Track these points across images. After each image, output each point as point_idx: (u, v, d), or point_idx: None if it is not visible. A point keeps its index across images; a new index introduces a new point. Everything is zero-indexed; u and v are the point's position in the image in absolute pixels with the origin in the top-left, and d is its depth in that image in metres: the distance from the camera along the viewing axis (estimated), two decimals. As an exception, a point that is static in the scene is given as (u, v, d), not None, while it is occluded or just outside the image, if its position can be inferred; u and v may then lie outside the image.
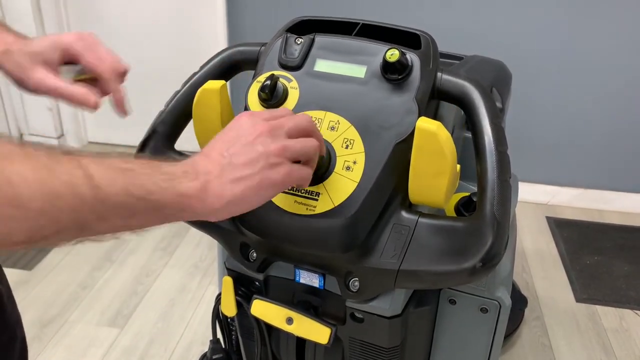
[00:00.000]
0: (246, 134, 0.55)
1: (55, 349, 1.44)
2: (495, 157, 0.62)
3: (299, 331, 0.72)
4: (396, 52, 0.65)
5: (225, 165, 0.52)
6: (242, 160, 0.53)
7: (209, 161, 0.53)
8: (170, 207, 0.49)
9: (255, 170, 0.53)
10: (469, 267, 0.60)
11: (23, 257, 1.76)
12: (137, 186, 0.46)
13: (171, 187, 0.48)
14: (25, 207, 0.40)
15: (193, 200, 0.50)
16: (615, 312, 1.63)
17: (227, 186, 0.51)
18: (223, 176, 0.52)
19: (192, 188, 0.50)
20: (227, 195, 0.51)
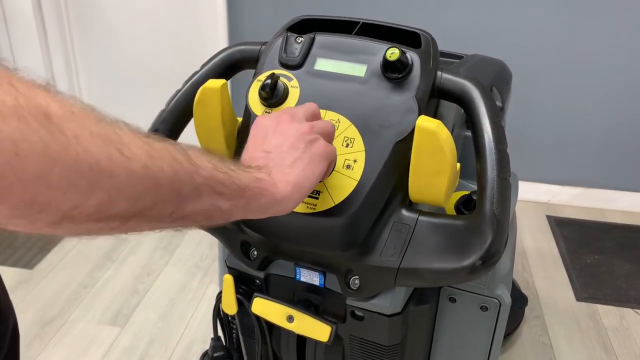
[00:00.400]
0: (272, 128, 0.57)
1: (56, 348, 1.44)
2: (495, 155, 0.62)
3: (300, 329, 0.72)
4: (396, 51, 0.65)
5: (273, 157, 0.54)
6: (285, 147, 0.55)
7: (253, 157, 0.55)
8: (251, 189, 0.49)
9: (301, 150, 0.55)
10: (468, 265, 0.60)
11: (24, 257, 1.76)
12: (220, 164, 0.47)
13: (247, 172, 0.50)
14: (132, 159, 0.38)
15: (268, 185, 0.51)
16: (616, 311, 1.63)
17: (287, 170, 0.53)
18: (278, 166, 0.54)
19: (263, 176, 0.51)
20: (292, 178, 0.53)
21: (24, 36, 2.21)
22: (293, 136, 0.56)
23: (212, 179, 0.45)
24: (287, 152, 0.55)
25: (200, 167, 0.44)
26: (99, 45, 2.29)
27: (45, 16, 2.20)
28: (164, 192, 0.41)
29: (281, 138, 0.56)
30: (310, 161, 0.55)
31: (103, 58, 2.31)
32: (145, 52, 2.26)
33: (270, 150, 0.55)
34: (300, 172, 0.54)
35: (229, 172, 0.47)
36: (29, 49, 2.22)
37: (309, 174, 0.55)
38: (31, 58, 2.24)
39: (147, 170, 0.39)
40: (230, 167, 0.48)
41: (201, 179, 0.44)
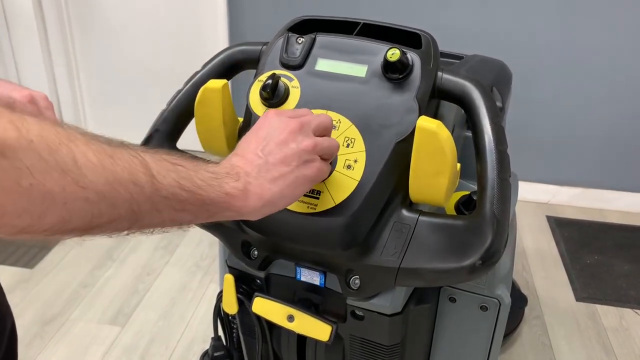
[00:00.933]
0: (278, 132, 0.56)
1: (57, 347, 1.44)
2: (495, 156, 0.62)
3: (300, 329, 0.73)
4: (397, 51, 0.65)
5: (261, 165, 0.54)
6: (278, 158, 0.55)
7: (245, 162, 0.54)
8: (216, 204, 0.50)
9: (290, 168, 0.55)
10: (468, 265, 0.60)
11: (24, 256, 1.76)
12: (187, 180, 0.47)
13: (217, 186, 0.50)
14: (88, 188, 0.39)
15: (237, 200, 0.51)
16: (616, 311, 1.63)
17: (265, 186, 0.53)
18: (261, 176, 0.53)
19: (235, 188, 0.51)
20: (267, 195, 0.53)
21: (25, 36, 2.21)
22: (291, 149, 0.55)
23: (173, 198, 0.46)
24: (277, 164, 0.54)
25: (163, 187, 0.45)
26: (100, 45, 2.30)
27: (45, 16, 2.20)
28: (120, 212, 0.42)
29: (280, 147, 0.55)
30: (295, 181, 0.55)
31: (104, 58, 2.31)
32: (145, 52, 2.27)
33: (262, 155, 0.55)
34: (279, 190, 0.54)
35: (195, 189, 0.48)
36: (29, 48, 2.22)
37: (287, 194, 0.55)
38: (32, 58, 2.24)
39: (104, 197, 0.40)
40: (199, 181, 0.48)
41: (161, 199, 0.45)
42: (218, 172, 0.51)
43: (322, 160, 0.59)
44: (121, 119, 2.41)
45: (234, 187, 0.51)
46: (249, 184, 0.52)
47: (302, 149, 0.56)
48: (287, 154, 0.55)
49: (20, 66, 2.27)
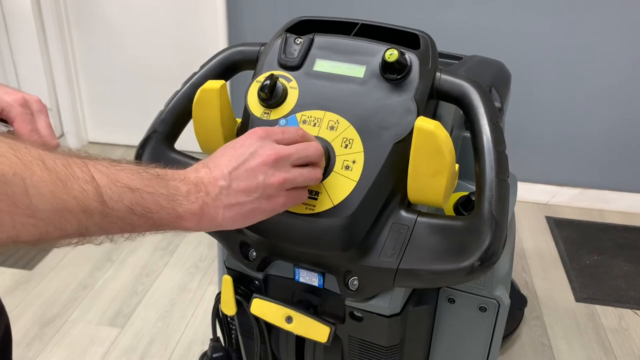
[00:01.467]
0: (252, 158, 0.56)
1: (56, 349, 1.44)
2: (493, 156, 0.62)
3: (299, 330, 0.72)
4: (395, 52, 0.65)
5: (224, 188, 0.54)
6: (242, 186, 0.55)
7: (211, 180, 0.54)
8: (167, 225, 0.52)
9: (250, 199, 0.55)
10: (467, 266, 0.60)
11: (23, 257, 1.76)
12: (140, 206, 0.49)
13: (171, 208, 0.51)
14: (36, 217, 0.42)
15: (187, 222, 0.53)
16: (615, 311, 1.63)
17: (220, 210, 0.54)
18: (219, 199, 0.54)
19: (189, 211, 0.52)
20: (219, 219, 0.54)
21: (24, 39, 2.21)
22: (257, 181, 0.55)
23: (123, 222, 0.48)
24: (239, 192, 0.55)
25: (114, 212, 0.47)
26: (99, 46, 2.30)
27: (44, 19, 2.20)
28: (69, 233, 0.45)
29: (248, 175, 0.55)
30: (250, 212, 0.56)
31: (103, 60, 2.31)
32: (144, 53, 2.27)
33: (228, 178, 0.54)
34: (231, 217, 0.55)
35: (147, 213, 0.49)
36: (28, 51, 2.22)
37: (239, 222, 0.56)
38: (30, 59, 2.24)
39: (52, 222, 0.43)
40: (153, 205, 0.49)
41: (110, 224, 0.48)
42: (177, 192, 0.52)
43: (295, 189, 0.59)
44: (120, 120, 2.41)
45: (188, 209, 0.52)
46: (205, 204, 0.53)
47: (268, 184, 0.56)
48: (251, 184, 0.55)
49: (19, 69, 2.27)
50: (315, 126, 0.68)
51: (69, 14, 2.26)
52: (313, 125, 0.68)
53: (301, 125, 0.68)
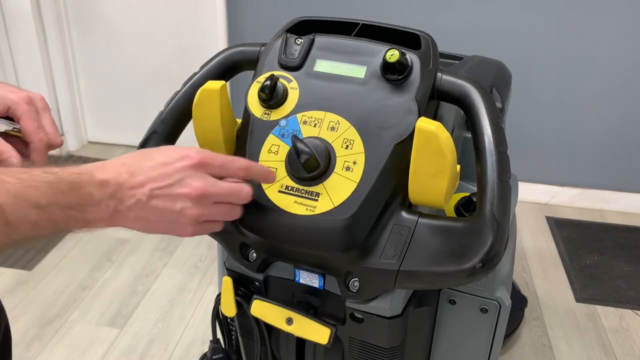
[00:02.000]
0: (178, 185, 0.55)
1: (55, 349, 1.44)
2: (495, 157, 0.62)
3: (299, 331, 0.72)
4: (396, 52, 0.65)
5: (141, 201, 0.54)
6: (158, 206, 0.55)
7: (130, 185, 0.54)
8: (73, 229, 0.54)
9: (161, 220, 0.56)
10: (468, 267, 0.60)
11: (23, 257, 1.76)
12: (47, 219, 0.50)
13: (81, 217, 0.52)
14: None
15: (96, 224, 0.54)
16: (615, 312, 1.62)
17: (129, 221, 0.55)
18: (132, 210, 0.54)
19: (98, 218, 0.53)
20: (126, 225, 0.56)
21: (23, 38, 2.20)
22: (174, 209, 0.55)
23: (26, 235, 0.49)
24: (154, 210, 0.55)
25: (17, 229, 0.48)
26: (99, 46, 2.29)
27: (44, 18, 2.20)
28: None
29: (168, 199, 0.55)
30: (157, 229, 0.57)
31: (102, 59, 2.31)
32: (144, 53, 2.26)
33: (148, 192, 0.54)
34: (137, 227, 0.56)
35: (52, 227, 0.51)
36: (28, 49, 2.22)
37: (142, 231, 0.57)
38: (30, 59, 2.24)
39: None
40: (61, 220, 0.51)
41: (15, 241, 0.49)
42: (90, 201, 0.52)
43: (208, 222, 0.59)
44: (120, 120, 2.41)
45: (97, 217, 0.53)
46: (117, 212, 0.54)
47: (183, 214, 0.56)
48: (167, 209, 0.55)
49: (18, 69, 2.27)
50: (316, 127, 0.67)
51: (69, 14, 2.26)
52: (313, 126, 0.67)
53: (302, 125, 0.68)
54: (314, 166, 0.64)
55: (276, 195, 0.66)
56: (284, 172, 0.66)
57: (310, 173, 0.64)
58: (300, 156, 0.63)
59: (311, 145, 0.64)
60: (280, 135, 0.68)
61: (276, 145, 0.68)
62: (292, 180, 0.66)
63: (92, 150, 2.43)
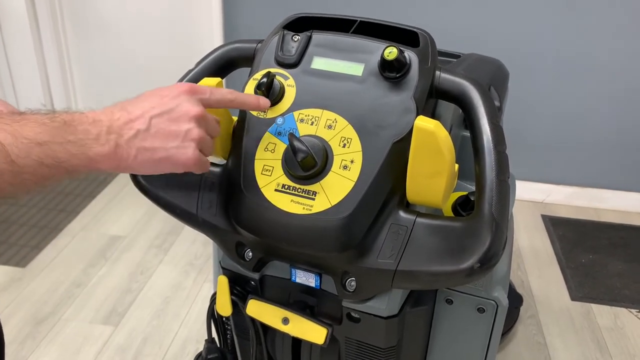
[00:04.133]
0: (178, 108, 0.56)
1: (49, 347, 1.43)
2: (493, 157, 0.61)
3: (295, 331, 0.72)
4: (394, 50, 0.64)
5: (141, 131, 0.54)
6: (162, 132, 0.55)
7: (127, 120, 0.54)
8: (80, 169, 0.53)
9: (166, 146, 0.55)
10: (466, 267, 0.59)
11: (16, 254, 1.75)
12: (50, 157, 0.50)
13: (82, 154, 0.52)
14: None
15: (101, 163, 0.53)
16: (610, 310, 1.63)
17: (132, 151, 0.54)
18: (134, 141, 0.54)
19: (100, 153, 0.53)
20: (130, 161, 0.55)
21: (17, 33, 2.18)
22: (178, 131, 0.55)
23: (34, 175, 0.49)
24: (157, 137, 0.55)
25: (24, 169, 0.48)
26: (93, 43, 2.27)
27: (38, 13, 2.18)
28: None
29: (171, 124, 0.55)
30: (161, 161, 0.56)
31: (97, 55, 2.29)
32: (139, 49, 2.25)
33: (148, 120, 0.54)
34: (142, 161, 0.55)
35: (57, 163, 0.50)
36: (22, 46, 2.20)
37: (148, 168, 0.56)
38: (24, 55, 2.22)
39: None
40: (63, 154, 0.50)
41: (22, 180, 0.49)
42: (87, 136, 0.52)
43: (201, 152, 0.59)
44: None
45: (99, 151, 0.52)
46: (117, 146, 0.53)
47: (187, 136, 0.56)
48: (172, 131, 0.55)
49: (12, 65, 2.25)
50: (313, 125, 0.67)
51: (63, 9, 2.24)
52: (311, 124, 0.67)
53: (298, 123, 0.67)
54: (310, 165, 0.63)
55: (273, 193, 0.65)
56: (281, 171, 0.66)
57: (307, 172, 0.64)
58: (297, 154, 0.62)
59: (308, 144, 0.63)
60: (277, 133, 0.68)
61: (273, 144, 0.67)
62: (289, 179, 0.65)
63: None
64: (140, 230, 1.89)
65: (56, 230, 1.87)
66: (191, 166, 0.58)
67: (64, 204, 1.99)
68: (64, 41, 2.28)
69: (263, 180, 0.66)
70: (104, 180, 2.15)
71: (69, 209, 1.97)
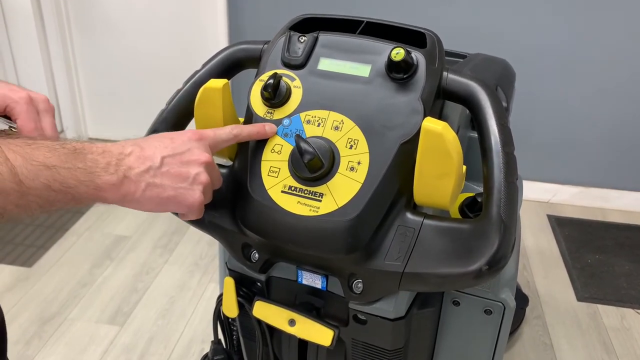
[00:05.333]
0: (189, 153, 0.59)
1: (55, 347, 1.43)
2: (502, 158, 0.61)
3: (302, 333, 0.71)
4: (401, 50, 0.64)
5: (154, 167, 0.56)
6: (172, 171, 0.57)
7: (139, 155, 0.55)
8: (86, 197, 0.53)
9: (175, 186, 0.57)
10: (474, 270, 0.59)
11: (23, 254, 1.75)
12: (58, 182, 0.50)
13: (90, 181, 0.52)
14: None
15: (107, 192, 0.53)
16: (617, 311, 1.62)
17: (141, 186, 0.55)
18: (144, 176, 0.55)
19: (108, 182, 0.53)
20: (138, 195, 0.55)
21: (23, 34, 2.19)
22: (189, 174, 0.58)
23: (41, 198, 0.49)
24: (168, 176, 0.56)
25: (31, 191, 0.48)
26: (99, 42, 2.28)
27: (44, 14, 2.19)
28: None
29: (182, 165, 0.57)
30: (168, 200, 0.57)
31: (102, 55, 2.30)
32: (145, 50, 2.25)
33: (161, 160, 0.56)
34: (149, 197, 0.55)
35: (65, 188, 0.50)
36: (27, 44, 2.21)
37: (154, 205, 0.57)
38: (30, 55, 2.22)
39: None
40: (71, 180, 0.50)
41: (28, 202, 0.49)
42: (96, 165, 0.52)
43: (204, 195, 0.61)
44: (120, 118, 2.40)
45: (107, 181, 0.53)
46: (126, 178, 0.54)
47: (197, 180, 0.58)
48: (183, 173, 0.57)
49: (18, 65, 2.26)
50: (320, 126, 0.66)
51: (69, 9, 2.24)
52: (317, 125, 0.66)
53: (305, 125, 0.67)
54: (317, 166, 0.63)
55: (279, 195, 0.65)
56: (287, 172, 0.66)
57: (314, 173, 0.63)
58: (304, 156, 0.62)
59: (315, 145, 0.63)
60: (284, 134, 0.67)
61: (279, 145, 0.67)
62: (296, 181, 0.65)
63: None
64: (146, 230, 1.90)
65: (62, 230, 1.87)
66: (195, 209, 0.60)
67: (70, 204, 2.00)
68: (69, 39, 2.28)
69: (269, 182, 0.66)
70: (109, 180, 2.15)
71: (75, 209, 1.98)
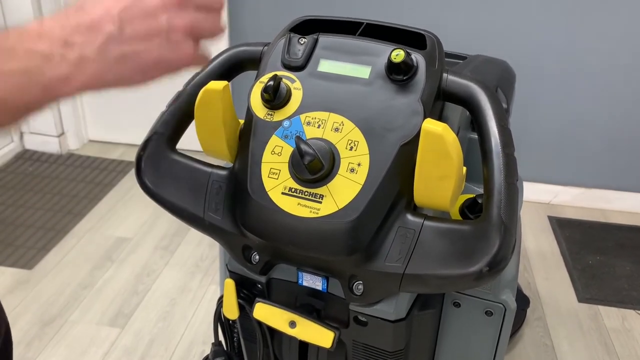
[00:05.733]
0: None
1: (56, 349, 1.43)
2: (502, 159, 0.61)
3: (302, 335, 0.71)
4: (401, 52, 0.64)
5: (113, 34, 0.42)
6: (138, 30, 0.43)
7: (90, 23, 0.42)
8: (48, 99, 0.42)
9: (151, 46, 0.43)
10: (475, 271, 0.59)
11: (23, 256, 1.75)
12: (6, 92, 0.39)
13: (39, 80, 0.40)
14: None
15: (61, 89, 0.41)
16: (618, 312, 1.62)
17: (109, 66, 0.42)
18: (107, 51, 0.42)
19: (62, 76, 0.41)
20: (109, 79, 0.43)
21: (23, 34, 2.19)
22: (159, 25, 0.43)
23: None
24: (134, 38, 0.42)
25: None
26: (99, 44, 2.28)
27: (44, 14, 2.19)
28: None
29: (146, 17, 0.43)
30: (152, 65, 0.44)
31: (103, 56, 2.30)
32: (145, 50, 2.25)
33: (117, 19, 0.42)
34: (126, 72, 0.43)
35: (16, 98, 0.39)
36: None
37: (138, 77, 0.44)
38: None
39: None
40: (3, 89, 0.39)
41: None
42: (35, 56, 0.40)
43: (194, 42, 0.48)
44: (120, 119, 2.40)
45: (60, 75, 0.40)
46: (84, 61, 0.41)
47: (172, 26, 0.44)
48: (151, 26, 0.43)
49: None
50: (320, 128, 0.66)
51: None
52: (317, 127, 0.67)
53: (305, 126, 0.67)
54: (317, 168, 0.63)
55: (279, 197, 0.65)
56: (288, 174, 0.66)
57: (314, 175, 0.63)
58: (304, 158, 0.62)
59: (315, 147, 0.63)
60: (284, 136, 0.67)
61: (279, 147, 0.67)
62: (296, 182, 0.65)
63: (93, 149, 2.42)
64: (146, 232, 1.90)
65: (62, 232, 1.87)
66: (189, 63, 0.48)
67: (70, 206, 2.00)
68: (70, 44, 2.29)
69: (270, 184, 0.66)
70: (109, 183, 2.15)
71: (75, 211, 1.98)
